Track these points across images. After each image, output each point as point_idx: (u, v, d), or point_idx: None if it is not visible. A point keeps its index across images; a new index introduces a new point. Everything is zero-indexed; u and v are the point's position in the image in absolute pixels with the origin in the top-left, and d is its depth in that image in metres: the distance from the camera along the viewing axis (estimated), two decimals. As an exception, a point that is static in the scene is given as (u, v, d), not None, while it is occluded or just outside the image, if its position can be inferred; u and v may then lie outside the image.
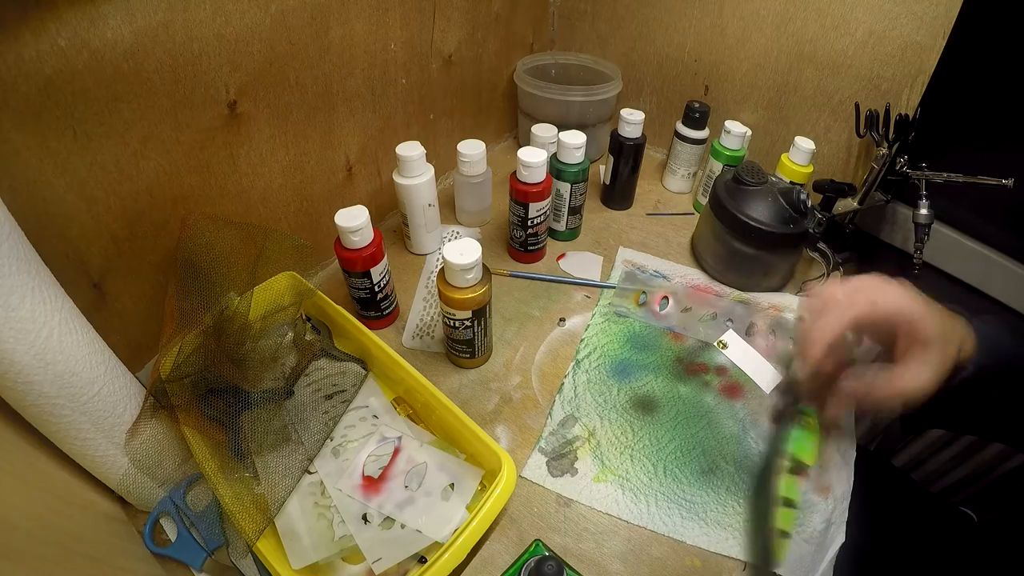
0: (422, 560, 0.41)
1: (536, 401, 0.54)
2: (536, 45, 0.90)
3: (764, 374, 0.57)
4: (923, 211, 0.65)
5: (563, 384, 0.55)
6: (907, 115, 0.62)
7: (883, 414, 0.56)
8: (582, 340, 0.60)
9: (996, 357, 0.40)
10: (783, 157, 0.71)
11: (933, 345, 0.37)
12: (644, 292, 0.63)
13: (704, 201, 0.72)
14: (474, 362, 0.56)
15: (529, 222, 0.64)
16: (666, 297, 0.64)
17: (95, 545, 0.36)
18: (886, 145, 0.64)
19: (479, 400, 0.54)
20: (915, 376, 0.37)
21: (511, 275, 0.66)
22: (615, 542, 0.45)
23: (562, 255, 0.71)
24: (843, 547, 0.44)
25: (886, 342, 0.40)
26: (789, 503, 0.44)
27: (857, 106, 0.67)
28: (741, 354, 0.59)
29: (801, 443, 0.47)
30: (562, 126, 0.67)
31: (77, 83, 0.37)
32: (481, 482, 0.45)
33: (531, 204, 0.62)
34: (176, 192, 0.47)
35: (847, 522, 0.46)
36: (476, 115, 0.83)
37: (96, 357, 0.37)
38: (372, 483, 0.44)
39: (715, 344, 0.59)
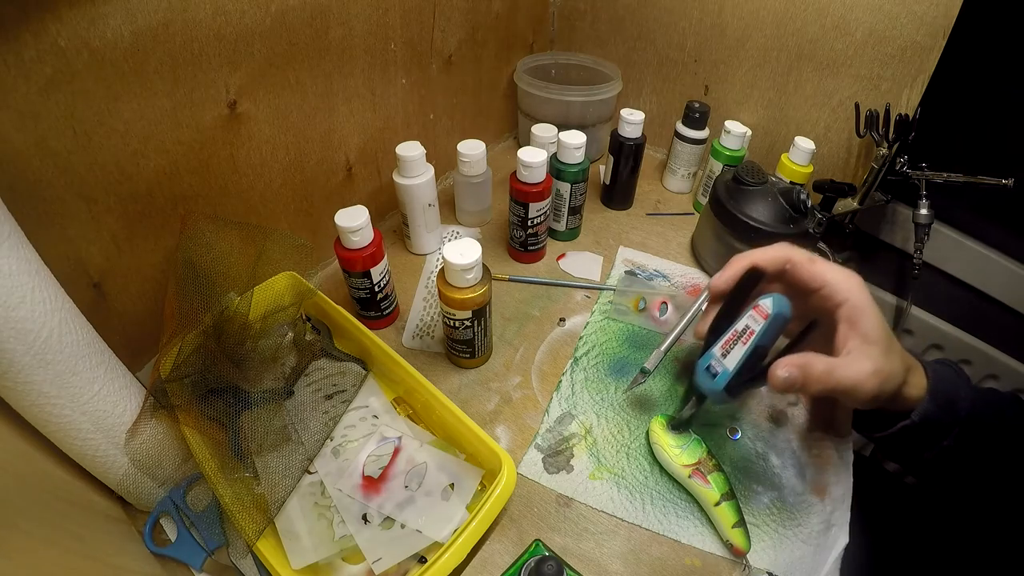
0: (422, 560, 0.41)
1: (536, 401, 0.54)
2: (536, 45, 0.90)
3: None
4: (923, 211, 0.65)
5: (561, 381, 0.55)
6: (907, 115, 0.62)
7: (823, 411, 0.53)
8: (581, 338, 0.60)
9: (950, 411, 0.39)
10: (783, 157, 0.71)
11: (876, 344, 0.35)
12: (643, 299, 0.63)
13: (704, 201, 0.72)
14: (474, 362, 0.56)
15: (529, 222, 0.64)
16: (665, 302, 0.64)
17: (95, 545, 0.36)
18: (886, 145, 0.64)
19: (479, 400, 0.54)
20: (855, 369, 0.35)
21: (510, 279, 0.66)
22: (615, 542, 0.45)
23: (562, 255, 0.71)
24: (845, 549, 0.44)
25: (825, 328, 0.39)
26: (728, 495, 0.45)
27: (857, 106, 0.67)
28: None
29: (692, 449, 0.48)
30: (562, 126, 0.67)
31: (77, 83, 0.37)
32: (481, 482, 0.45)
33: (531, 204, 0.62)
34: (176, 192, 0.47)
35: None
36: (476, 115, 0.83)
37: (96, 357, 0.37)
38: (372, 483, 0.44)
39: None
